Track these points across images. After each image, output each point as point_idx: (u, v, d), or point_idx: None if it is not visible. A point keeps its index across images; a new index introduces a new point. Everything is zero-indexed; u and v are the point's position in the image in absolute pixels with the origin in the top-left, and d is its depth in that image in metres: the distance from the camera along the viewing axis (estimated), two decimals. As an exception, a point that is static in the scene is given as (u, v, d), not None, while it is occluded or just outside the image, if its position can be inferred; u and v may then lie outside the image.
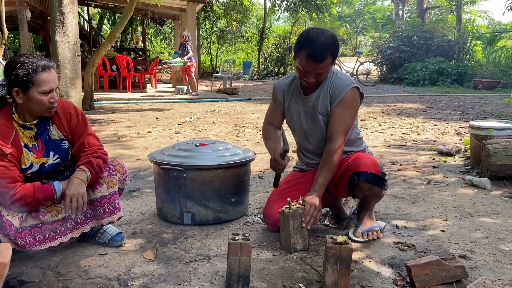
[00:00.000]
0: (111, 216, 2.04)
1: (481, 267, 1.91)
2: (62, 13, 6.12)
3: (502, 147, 3.24)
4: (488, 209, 2.70)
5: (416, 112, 7.79)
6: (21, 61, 1.81)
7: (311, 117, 2.23)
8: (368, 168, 2.09)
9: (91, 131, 2.08)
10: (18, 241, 1.85)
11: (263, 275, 1.84)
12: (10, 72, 1.82)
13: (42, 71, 1.83)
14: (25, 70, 1.80)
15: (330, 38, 2.01)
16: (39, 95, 1.84)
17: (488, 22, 28.75)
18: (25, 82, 1.81)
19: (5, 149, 1.81)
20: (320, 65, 2.01)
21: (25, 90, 1.82)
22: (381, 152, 4.47)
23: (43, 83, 1.83)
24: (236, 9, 19.78)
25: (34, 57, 1.85)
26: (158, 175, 2.48)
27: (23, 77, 1.80)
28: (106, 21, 23.28)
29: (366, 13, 31.53)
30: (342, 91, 2.13)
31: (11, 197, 1.79)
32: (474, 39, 15.74)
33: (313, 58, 1.99)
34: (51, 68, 1.86)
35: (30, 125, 1.94)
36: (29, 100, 1.84)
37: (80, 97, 6.76)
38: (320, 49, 1.98)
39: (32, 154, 1.94)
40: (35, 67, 1.81)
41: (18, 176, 1.85)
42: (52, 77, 1.86)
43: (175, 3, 12.08)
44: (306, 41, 2.01)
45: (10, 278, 1.79)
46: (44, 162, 1.97)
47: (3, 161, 1.81)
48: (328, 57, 2.00)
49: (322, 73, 2.06)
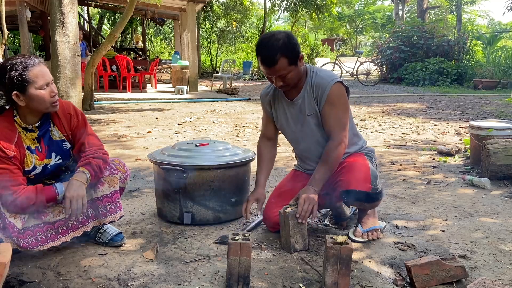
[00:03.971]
0: (112, 215, 2.05)
1: (481, 267, 1.91)
2: (62, 13, 6.12)
3: (502, 147, 3.24)
4: (488, 209, 2.70)
5: (416, 112, 7.79)
6: (9, 64, 1.81)
7: (300, 121, 2.19)
8: (357, 185, 2.03)
9: (91, 131, 2.09)
10: (20, 242, 1.85)
11: (263, 275, 1.84)
12: (2, 78, 1.81)
13: (32, 67, 1.83)
14: (17, 71, 1.79)
15: (281, 39, 1.96)
16: (38, 91, 1.84)
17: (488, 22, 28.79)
18: (20, 83, 1.80)
19: (8, 152, 1.82)
20: (275, 68, 1.97)
21: (23, 91, 1.82)
22: (381, 152, 4.47)
23: (37, 78, 1.83)
24: (236, 9, 19.78)
25: (20, 57, 1.84)
26: (158, 175, 2.48)
27: (17, 78, 1.79)
28: (106, 21, 23.27)
29: (366, 13, 31.52)
30: (325, 89, 2.08)
31: (14, 200, 1.80)
32: (474, 39, 15.74)
33: (266, 62, 1.98)
34: (39, 63, 1.86)
35: (32, 127, 1.95)
36: (30, 99, 1.84)
37: (80, 97, 6.75)
38: (270, 53, 1.95)
39: (35, 156, 1.94)
40: (24, 65, 1.81)
41: (22, 179, 1.86)
42: (44, 70, 1.87)
43: (175, 3, 12.07)
44: (257, 47, 2.01)
45: (10, 278, 1.80)
46: (46, 164, 1.97)
47: (6, 164, 1.81)
48: (281, 58, 1.95)
49: (285, 75, 2.00)
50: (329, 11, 17.54)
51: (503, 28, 24.85)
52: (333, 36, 33.60)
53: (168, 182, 2.38)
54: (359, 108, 8.35)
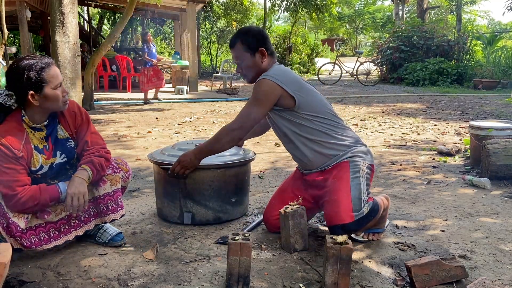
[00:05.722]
0: (114, 213, 2.05)
1: (481, 267, 1.91)
2: (62, 13, 6.11)
3: (502, 147, 3.24)
4: (488, 209, 2.70)
5: (416, 112, 7.79)
6: (26, 64, 1.83)
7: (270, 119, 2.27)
8: (340, 219, 1.94)
9: (94, 129, 2.10)
10: (24, 242, 1.86)
11: (263, 275, 1.84)
12: (19, 78, 1.82)
13: (48, 67, 1.86)
14: (35, 71, 1.82)
15: (245, 29, 2.25)
16: (53, 91, 1.87)
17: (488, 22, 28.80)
18: (38, 83, 1.83)
19: (17, 152, 1.83)
20: (232, 50, 2.23)
21: (40, 91, 1.85)
22: (381, 152, 4.47)
23: (53, 79, 1.87)
24: (236, 9, 19.76)
25: (34, 58, 1.87)
26: (158, 175, 2.48)
27: (35, 78, 1.82)
28: (106, 21, 23.26)
29: (366, 13, 31.51)
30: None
31: (18, 200, 1.81)
32: (474, 39, 15.73)
33: (230, 44, 2.24)
34: (53, 63, 1.91)
35: (41, 126, 1.96)
36: (46, 99, 1.87)
37: (80, 97, 6.75)
38: (233, 36, 2.23)
39: (42, 156, 1.95)
40: (41, 66, 1.84)
41: (27, 179, 1.87)
42: (58, 70, 1.92)
43: (175, 3, 12.07)
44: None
45: (10, 278, 1.80)
46: (52, 162, 1.98)
47: (14, 164, 1.82)
48: (238, 42, 2.19)
49: (238, 58, 2.21)
50: (329, 11, 17.53)
51: (503, 28, 24.85)
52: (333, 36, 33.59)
53: (168, 182, 2.39)
54: (359, 108, 8.35)
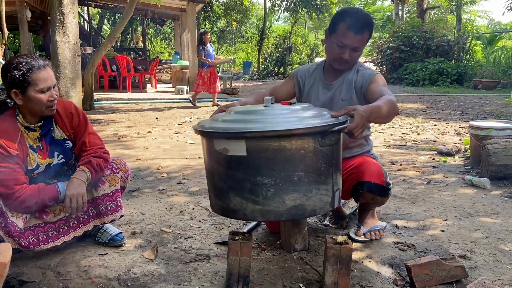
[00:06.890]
0: (113, 214, 2.05)
1: (481, 267, 1.91)
2: (62, 13, 6.12)
3: (502, 147, 3.24)
4: (488, 209, 2.70)
5: (416, 112, 7.79)
6: (16, 62, 1.82)
7: (330, 104, 2.18)
8: (372, 177, 2.06)
9: (92, 130, 2.09)
10: (22, 242, 1.86)
11: (263, 275, 1.84)
12: (6, 75, 1.83)
13: (37, 70, 1.83)
14: (20, 71, 1.81)
15: (369, 16, 2.09)
16: (37, 94, 1.84)
17: (488, 22, 28.80)
18: (21, 83, 1.82)
19: (12, 151, 1.83)
20: (358, 37, 2.02)
21: (23, 91, 1.83)
22: (381, 152, 4.47)
23: (39, 82, 1.84)
24: (236, 9, 19.79)
25: (28, 57, 1.85)
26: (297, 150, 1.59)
27: (19, 77, 1.81)
28: (106, 21, 23.28)
29: (366, 13, 31.46)
30: (370, 75, 2.12)
31: (17, 199, 1.81)
32: (474, 39, 15.75)
33: (354, 28, 2.00)
34: (46, 66, 1.87)
35: (34, 126, 1.95)
36: (28, 100, 1.85)
37: (80, 97, 6.76)
38: (361, 21, 2.02)
39: (38, 155, 1.95)
40: (29, 66, 1.82)
41: (24, 178, 1.87)
42: (48, 75, 1.87)
43: (175, 3, 12.07)
44: (346, 14, 2.05)
45: (10, 278, 1.80)
46: (49, 163, 1.98)
47: (9, 162, 1.82)
48: (366, 31, 2.04)
49: (357, 48, 2.06)
50: (329, 11, 17.56)
51: (503, 28, 24.87)
52: (333, 36, 33.54)
53: (321, 156, 1.64)
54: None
